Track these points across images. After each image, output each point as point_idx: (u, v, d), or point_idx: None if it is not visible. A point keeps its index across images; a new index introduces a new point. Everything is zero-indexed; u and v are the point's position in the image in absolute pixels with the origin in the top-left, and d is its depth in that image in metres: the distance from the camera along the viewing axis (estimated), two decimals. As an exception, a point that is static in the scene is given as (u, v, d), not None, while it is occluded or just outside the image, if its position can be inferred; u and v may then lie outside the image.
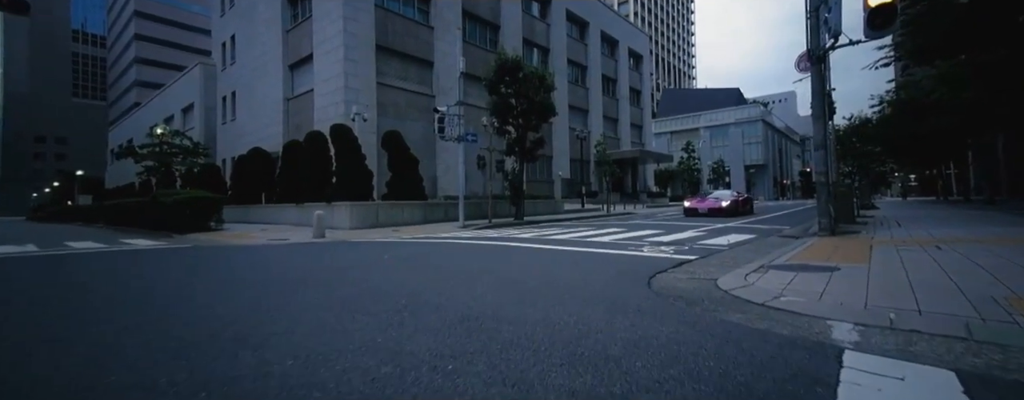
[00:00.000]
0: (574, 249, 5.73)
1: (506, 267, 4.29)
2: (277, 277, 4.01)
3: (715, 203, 13.88)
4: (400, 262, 4.82)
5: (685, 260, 4.47)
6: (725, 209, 13.49)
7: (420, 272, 4.06)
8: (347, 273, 4.11)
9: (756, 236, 7.26)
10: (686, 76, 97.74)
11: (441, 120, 12.51)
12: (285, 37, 20.34)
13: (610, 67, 34.91)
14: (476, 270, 4.10)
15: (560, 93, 28.28)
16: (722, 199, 14.19)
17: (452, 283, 3.44)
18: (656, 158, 36.79)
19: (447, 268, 4.29)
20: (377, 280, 3.65)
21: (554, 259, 4.82)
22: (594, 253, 5.28)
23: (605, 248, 5.79)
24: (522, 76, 14.61)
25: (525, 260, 4.82)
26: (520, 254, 5.40)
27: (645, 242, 6.50)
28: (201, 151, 21.71)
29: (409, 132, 18.76)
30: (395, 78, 19.49)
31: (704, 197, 15.49)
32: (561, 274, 3.74)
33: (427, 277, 3.76)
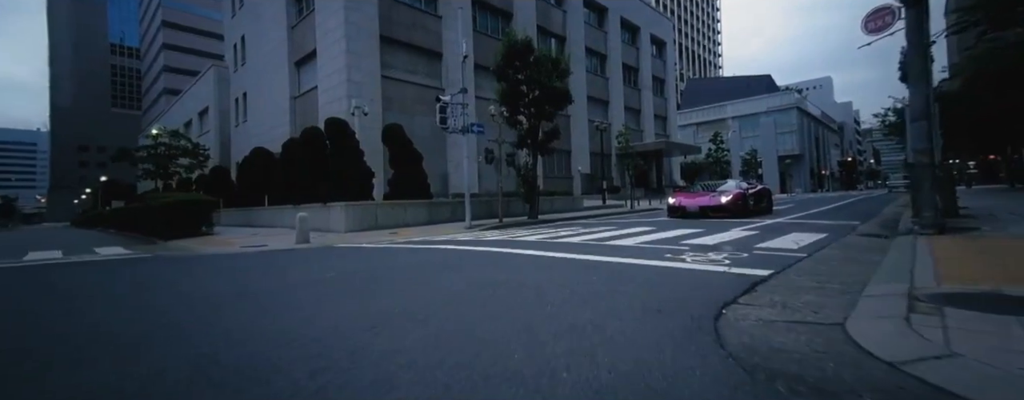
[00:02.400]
0: (589, 258, 4.36)
1: (484, 296, 2.98)
2: (130, 315, 2.84)
3: (711, 199, 9.86)
4: (338, 283, 3.60)
5: (754, 277, 3.04)
6: (727, 207, 9.51)
7: (346, 303, 2.80)
8: (250, 304, 2.91)
9: (828, 235, 5.65)
10: (712, 65, 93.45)
11: (443, 110, 11.31)
12: (290, 34, 19.71)
13: (631, 55, 32.96)
14: (437, 302, 2.81)
15: (578, 84, 26.70)
16: (723, 193, 10.03)
17: (363, 339, 2.16)
18: (682, 150, 34.55)
19: (398, 296, 3.03)
20: (254, 323, 2.42)
21: (559, 277, 3.47)
22: (616, 265, 3.90)
23: (631, 255, 4.39)
24: (533, 60, 13.23)
25: (518, 279, 3.49)
26: (514, 268, 4.08)
27: (683, 246, 5.05)
28: (202, 152, 21.40)
29: (417, 127, 17.76)
30: (402, 71, 18.49)
31: (698, 191, 11.23)
32: (562, 312, 2.39)
33: (345, 316, 2.50)
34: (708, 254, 4.27)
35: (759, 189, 11.35)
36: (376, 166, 14.47)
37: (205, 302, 3.00)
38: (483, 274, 3.59)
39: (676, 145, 33.70)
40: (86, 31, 75.81)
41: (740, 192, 10.11)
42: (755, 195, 10.73)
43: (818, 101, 74.25)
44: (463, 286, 3.07)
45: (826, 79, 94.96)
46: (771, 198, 11.98)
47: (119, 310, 2.88)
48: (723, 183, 11.64)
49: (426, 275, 3.71)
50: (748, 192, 10.38)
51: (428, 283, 3.31)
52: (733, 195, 9.87)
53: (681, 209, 10.27)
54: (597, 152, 26.09)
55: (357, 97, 16.13)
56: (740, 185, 11.00)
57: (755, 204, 10.46)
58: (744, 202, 9.83)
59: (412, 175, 13.24)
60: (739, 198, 9.82)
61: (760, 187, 11.61)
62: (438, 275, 3.67)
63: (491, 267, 4.01)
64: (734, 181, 11.58)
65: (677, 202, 10.54)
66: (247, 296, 3.14)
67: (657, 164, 33.42)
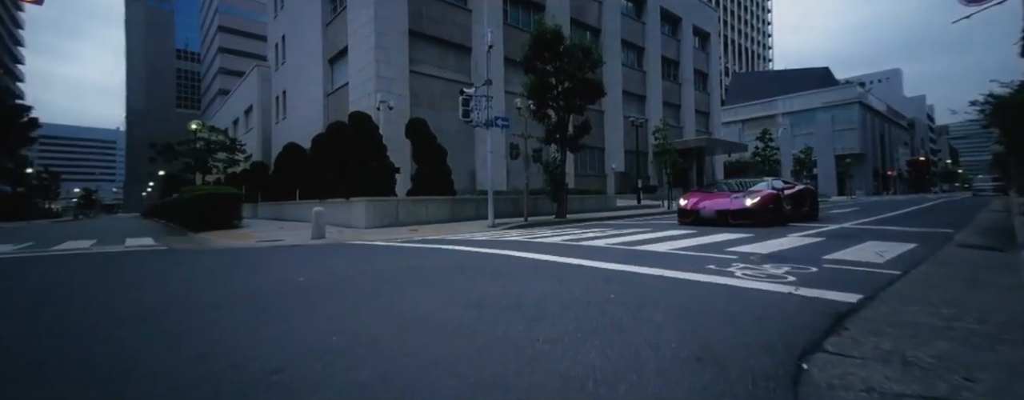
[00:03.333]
0: (612, 267, 3.62)
1: (457, 322, 2.35)
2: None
3: (733, 201, 7.86)
4: (295, 293, 3.10)
5: (837, 304, 2.21)
6: (752, 212, 7.50)
7: (276, 327, 2.26)
8: (167, 322, 2.46)
9: (917, 245, 4.55)
10: (761, 59, 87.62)
11: (466, 103, 10.82)
12: (324, 31, 20.05)
13: (671, 48, 31.15)
14: (389, 330, 2.22)
15: (613, 78, 25.48)
16: (749, 194, 7.93)
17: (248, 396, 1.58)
18: (726, 147, 32.29)
19: (349, 316, 2.47)
20: (148, 350, 1.92)
21: (568, 293, 2.78)
22: (644, 278, 3.15)
23: (664, 265, 3.61)
24: (563, 50, 12.45)
25: (515, 295, 2.84)
26: (516, 278, 3.42)
27: (730, 253, 4.18)
28: (239, 147, 22.26)
29: (445, 123, 17.46)
30: (431, 66, 18.25)
31: (721, 191, 9.11)
32: (555, 354, 1.70)
33: (255, 350, 1.95)
34: (763, 266, 3.41)
35: (799, 190, 9.08)
36: (402, 162, 14.27)
37: (110, 315, 2.58)
38: (475, 286, 2.97)
39: (719, 142, 31.54)
40: (156, 39, 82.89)
41: (771, 193, 7.89)
42: (793, 197, 8.57)
43: (885, 95, 67.57)
44: (441, 304, 2.46)
45: (894, 72, 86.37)
46: (816, 201, 9.73)
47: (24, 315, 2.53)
48: (756, 182, 9.34)
49: (405, 285, 3.14)
50: (783, 193, 8.20)
51: (402, 297, 2.73)
52: (761, 197, 7.70)
53: (694, 214, 8.18)
54: (633, 150, 24.79)
55: (385, 92, 16.04)
56: (773, 185, 8.61)
57: (794, 208, 8.50)
58: (777, 206, 7.76)
59: (436, 171, 12.87)
60: (770, 200, 7.71)
61: (800, 187, 9.33)
62: (421, 286, 3.10)
63: (490, 276, 3.38)
64: (768, 180, 9.13)
65: (689, 204, 8.42)
66: (180, 307, 2.71)
67: (698, 162, 31.42)
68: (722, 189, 9.34)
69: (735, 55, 79.86)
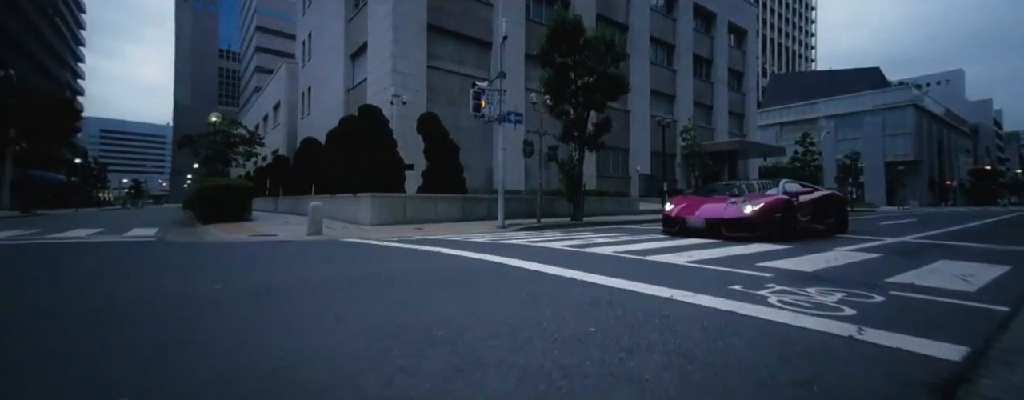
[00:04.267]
0: (610, 283, 2.93)
1: (359, 365, 1.73)
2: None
3: (729, 208, 6.28)
4: (207, 305, 2.58)
5: (933, 361, 1.46)
6: (752, 222, 5.93)
7: (124, 353, 1.72)
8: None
9: (1012, 267, 3.58)
10: (803, 59, 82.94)
11: (478, 96, 10.28)
12: (346, 27, 20.10)
13: (704, 45, 29.59)
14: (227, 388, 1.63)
15: (640, 76, 24.38)
16: (749, 200, 6.32)
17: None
18: (761, 151, 30.32)
19: (243, 344, 1.90)
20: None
21: (536, 323, 2.10)
22: (647, 300, 2.44)
23: (676, 283, 2.88)
24: (583, 42, 11.71)
25: (459, 324, 2.21)
26: (479, 295, 2.79)
27: (763, 271, 3.39)
28: (258, 141, 22.65)
29: (463, 119, 17.02)
30: (450, 61, 17.89)
31: (720, 195, 7.35)
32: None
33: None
34: (807, 290, 2.63)
35: (822, 196, 7.37)
36: (417, 158, 13.94)
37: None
38: (421, 307, 2.36)
39: (754, 145, 29.68)
40: (201, 39, 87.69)
41: (779, 199, 6.22)
42: (813, 205, 6.90)
43: (945, 98, 62.29)
44: (351, 335, 1.85)
45: (956, 73, 79.67)
46: (844, 210, 7.92)
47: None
48: (765, 184, 7.70)
49: (336, 301, 2.57)
50: (797, 200, 6.49)
51: (316, 318, 2.16)
52: (765, 203, 6.04)
53: (679, 222, 6.64)
54: (659, 151, 23.59)
55: (400, 87, 15.78)
56: (786, 188, 6.89)
57: (815, 218, 6.84)
58: (788, 214, 6.13)
59: (447, 168, 12.41)
60: (776, 207, 6.04)
61: (823, 192, 7.66)
62: (355, 302, 2.51)
63: (451, 291, 2.77)
64: (781, 183, 7.29)
65: (676, 210, 6.86)
66: (64, 308, 2.24)
67: (731, 166, 29.68)
68: (720, 192, 7.63)
69: (774, 55, 75.94)
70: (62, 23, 44.74)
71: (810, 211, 6.85)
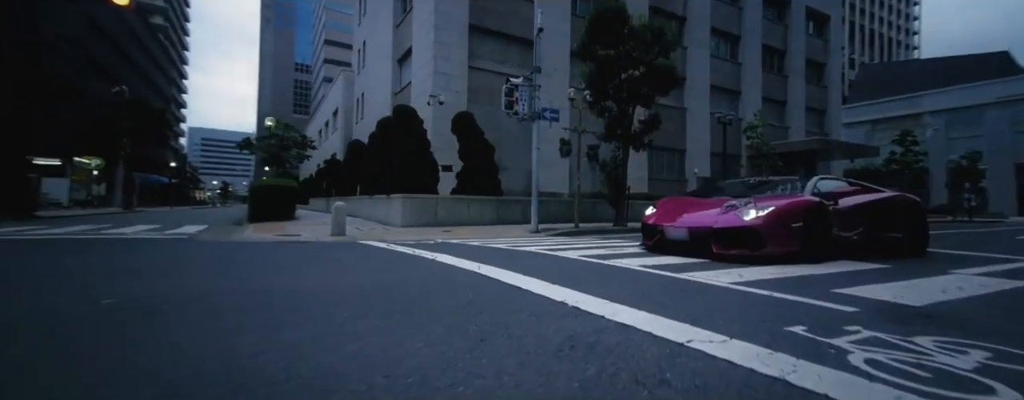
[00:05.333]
0: (612, 316, 2.15)
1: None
2: None
3: (723, 216, 4.40)
4: (119, 327, 2.17)
5: None
6: (755, 233, 4.07)
7: None
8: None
9: None
10: (902, 47, 72.41)
11: (510, 93, 9.72)
12: (395, 33, 20.64)
13: (776, 34, 26.60)
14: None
15: (699, 71, 22.39)
16: (753, 205, 4.30)
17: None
18: (847, 151, 26.50)
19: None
20: None
21: (467, 381, 1.43)
22: (654, 348, 1.66)
23: (707, 321, 2.04)
24: (628, 31, 10.70)
25: (343, 378, 1.56)
26: (423, 325, 2.14)
27: (841, 304, 2.38)
28: (309, 144, 23.89)
29: (504, 120, 16.49)
30: (491, 61, 17.58)
31: (715, 197, 5.36)
32: None
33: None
34: (916, 342, 1.67)
35: (879, 200, 5.13)
36: (456, 159, 13.72)
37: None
38: (310, 344, 1.78)
39: (838, 145, 26.04)
40: (280, 54, 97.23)
41: (800, 203, 4.26)
42: (863, 213, 4.80)
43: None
44: (189, 376, 1.32)
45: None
46: (921, 221, 5.39)
47: None
48: (789, 181, 5.52)
49: (202, 330, 2.07)
50: (835, 205, 4.54)
51: (115, 366, 1.66)
52: (776, 208, 4.14)
53: (656, 233, 4.93)
54: (721, 152, 21.42)
55: (442, 89, 15.72)
56: (818, 188, 4.82)
57: (866, 233, 4.74)
58: (813, 226, 4.19)
59: (481, 168, 11.99)
60: (793, 214, 4.14)
61: (882, 194, 5.33)
62: (230, 332, 2.00)
63: (383, 317, 2.17)
64: (814, 181, 5.04)
65: (654, 216, 5.13)
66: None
67: (809, 168, 26.25)
68: (729, 192, 5.51)
69: (865, 43, 67.10)
70: (170, 46, 51.68)
71: (860, 220, 4.72)
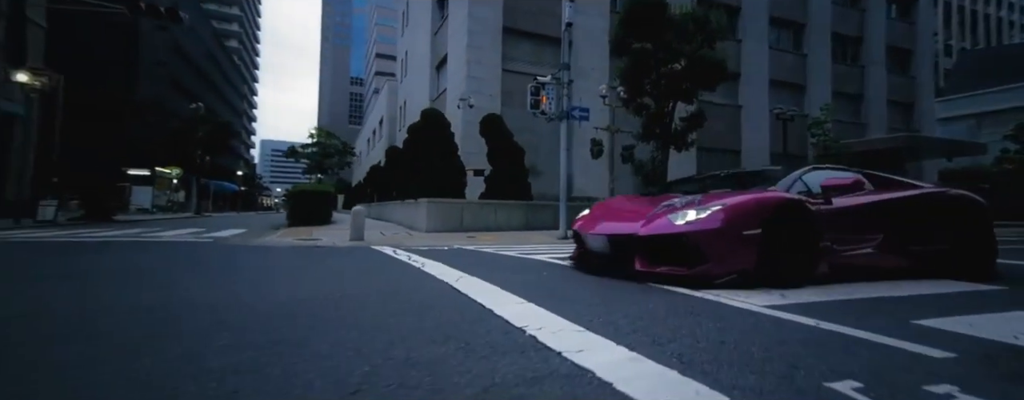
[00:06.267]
0: (568, 350, 1.60)
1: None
2: None
3: (653, 223, 3.12)
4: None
5: None
6: (687, 244, 2.89)
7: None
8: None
9: None
10: (1015, 28, 62.15)
11: (536, 92, 9.26)
12: (432, 40, 21.02)
13: (849, 20, 23.76)
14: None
15: (755, 64, 20.49)
16: (696, 206, 3.05)
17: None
18: (943, 150, 22.84)
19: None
20: None
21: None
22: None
23: (709, 369, 1.43)
24: (667, 21, 9.84)
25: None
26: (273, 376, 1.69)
27: (923, 342, 1.62)
28: (350, 151, 24.82)
29: (540, 122, 16.14)
30: (525, 63, 17.24)
31: (651, 198, 4.11)
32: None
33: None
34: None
35: (910, 196, 3.65)
36: (484, 162, 13.48)
37: None
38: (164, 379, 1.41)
39: (931, 142, 22.58)
40: (338, 70, 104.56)
41: (762, 200, 2.99)
42: (876, 218, 3.43)
43: None
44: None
45: None
46: (985, 230, 3.65)
47: None
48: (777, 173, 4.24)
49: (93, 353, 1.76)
50: (825, 205, 3.22)
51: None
52: (716, 212, 2.89)
53: (578, 240, 4.05)
54: (781, 152, 19.32)
55: (476, 92, 15.61)
56: (806, 182, 3.51)
57: (883, 246, 3.35)
58: (784, 235, 2.92)
59: (510, 172, 11.59)
60: (745, 217, 2.87)
61: (912, 191, 3.74)
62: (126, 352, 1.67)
63: (282, 345, 1.76)
64: (796, 175, 3.65)
65: (581, 222, 4.05)
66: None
67: (894, 169, 22.92)
68: (682, 189, 4.44)
69: (965, 26, 58.48)
70: (243, 66, 57.32)
71: (873, 227, 3.38)
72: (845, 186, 3.27)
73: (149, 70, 26.26)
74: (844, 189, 3.28)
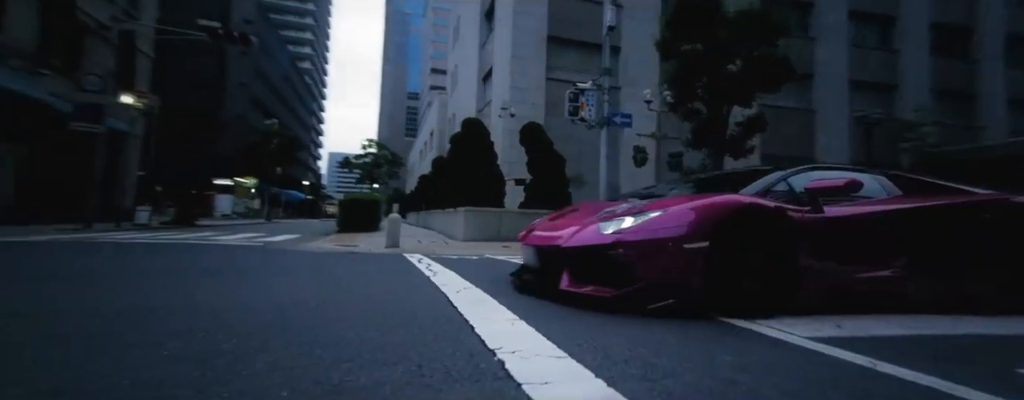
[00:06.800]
0: (534, 389, 1.36)
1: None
2: None
3: (582, 232, 2.52)
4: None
5: None
6: (615, 259, 2.30)
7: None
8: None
9: None
10: None
11: (574, 98, 9.00)
12: (480, 53, 21.54)
13: (954, 8, 20.75)
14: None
15: (833, 63, 18.53)
16: (633, 212, 2.48)
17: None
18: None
19: None
20: None
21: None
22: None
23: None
24: (721, 18, 9.15)
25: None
26: None
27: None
28: (400, 161, 25.81)
29: (584, 130, 15.79)
30: (572, 71, 17.01)
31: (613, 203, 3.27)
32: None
33: None
34: None
35: (939, 206, 2.73)
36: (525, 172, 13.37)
37: None
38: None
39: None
40: (396, 85, 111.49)
41: (695, 209, 2.30)
42: (895, 231, 2.60)
43: None
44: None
45: None
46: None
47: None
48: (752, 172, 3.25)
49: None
50: (806, 215, 2.44)
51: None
52: (652, 219, 2.33)
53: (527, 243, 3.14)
54: (865, 160, 17.08)
55: (519, 103, 15.65)
56: (791, 184, 2.68)
57: (904, 271, 2.52)
58: (738, 250, 2.25)
59: (551, 181, 11.34)
60: (680, 225, 2.24)
61: (952, 199, 2.85)
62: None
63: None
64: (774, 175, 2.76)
65: (522, 234, 3.33)
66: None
67: (1017, 179, 19.33)
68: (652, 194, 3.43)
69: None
70: (313, 84, 63.04)
71: (890, 246, 2.63)
72: (834, 189, 2.44)
73: (234, 91, 29.75)
74: (833, 192, 2.46)
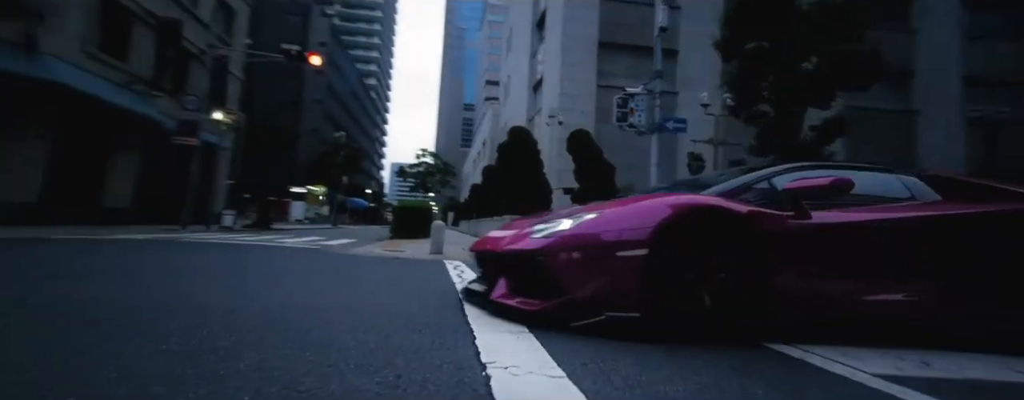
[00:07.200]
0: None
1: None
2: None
3: (517, 238, 2.15)
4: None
5: None
6: (541, 266, 1.93)
7: None
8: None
9: None
10: None
11: (623, 103, 8.66)
12: (531, 62, 21.72)
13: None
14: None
15: (938, 56, 16.13)
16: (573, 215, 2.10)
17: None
18: None
19: None
20: None
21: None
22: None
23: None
24: (789, 13, 8.34)
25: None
26: None
27: None
28: (451, 171, 26.45)
29: (635, 138, 15.18)
30: (622, 77, 16.51)
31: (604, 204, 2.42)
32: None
33: None
34: None
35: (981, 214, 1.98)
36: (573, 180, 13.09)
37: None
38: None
39: None
40: (453, 97, 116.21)
41: (633, 212, 1.94)
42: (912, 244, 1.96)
43: None
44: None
45: None
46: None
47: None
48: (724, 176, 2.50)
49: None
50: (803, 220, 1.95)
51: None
52: (583, 223, 2.00)
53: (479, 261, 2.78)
54: (978, 169, 14.50)
55: (569, 110, 15.45)
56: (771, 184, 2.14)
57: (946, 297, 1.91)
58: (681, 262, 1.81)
59: (598, 190, 10.97)
60: (613, 230, 1.88)
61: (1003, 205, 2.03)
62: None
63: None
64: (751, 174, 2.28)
65: (478, 240, 3.00)
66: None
67: None
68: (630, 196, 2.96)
69: None
70: (378, 98, 67.72)
71: (907, 264, 2.03)
72: (816, 190, 1.97)
73: (310, 106, 32.88)
74: (817, 194, 1.99)
